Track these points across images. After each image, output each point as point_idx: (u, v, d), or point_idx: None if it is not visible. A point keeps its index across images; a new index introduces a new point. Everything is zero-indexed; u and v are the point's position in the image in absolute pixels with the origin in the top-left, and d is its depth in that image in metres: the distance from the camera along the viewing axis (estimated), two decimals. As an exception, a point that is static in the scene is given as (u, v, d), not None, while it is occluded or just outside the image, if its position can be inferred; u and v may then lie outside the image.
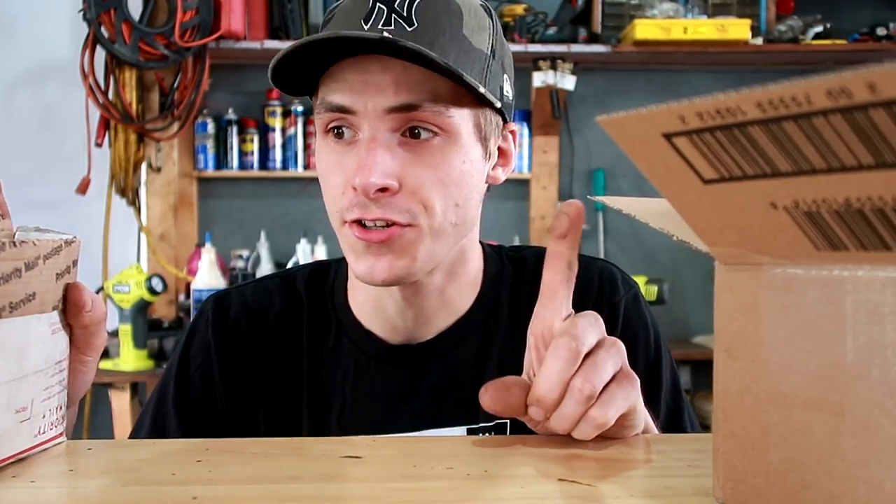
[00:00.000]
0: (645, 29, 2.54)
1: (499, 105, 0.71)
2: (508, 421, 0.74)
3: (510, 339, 0.77)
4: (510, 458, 0.50)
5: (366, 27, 0.66)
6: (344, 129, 0.68)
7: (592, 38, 2.68)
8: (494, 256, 0.81)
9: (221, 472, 0.46)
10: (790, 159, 0.31)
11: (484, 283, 0.79)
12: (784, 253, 0.35)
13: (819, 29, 2.70)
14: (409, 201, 0.66)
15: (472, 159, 0.70)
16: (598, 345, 0.52)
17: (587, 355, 0.51)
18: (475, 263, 0.79)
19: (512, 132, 0.77)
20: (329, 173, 0.69)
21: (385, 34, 0.63)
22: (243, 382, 0.79)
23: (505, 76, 0.73)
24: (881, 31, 2.70)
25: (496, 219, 2.82)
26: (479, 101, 0.69)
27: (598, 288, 0.80)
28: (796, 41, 2.67)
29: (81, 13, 2.46)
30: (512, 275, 0.81)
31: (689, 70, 2.86)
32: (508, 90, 0.73)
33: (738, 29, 2.57)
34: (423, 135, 0.67)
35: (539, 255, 0.80)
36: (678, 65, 2.82)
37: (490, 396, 0.53)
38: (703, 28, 2.56)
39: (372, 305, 0.77)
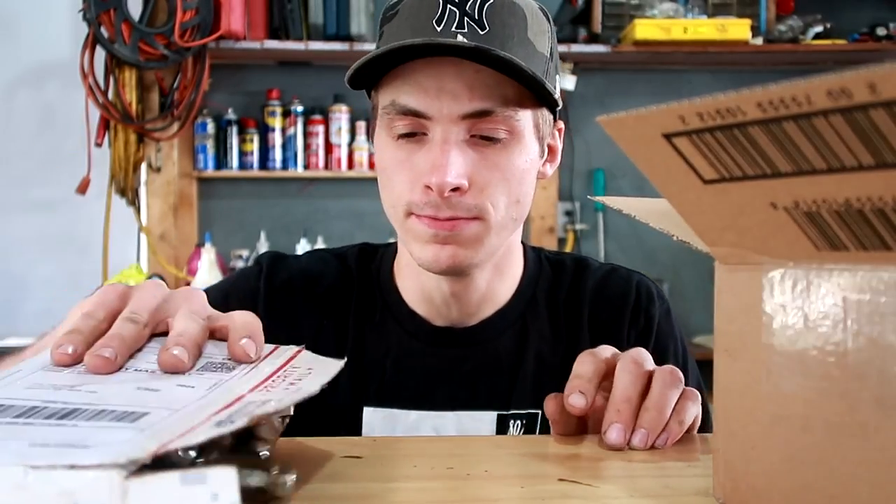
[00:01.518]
0: (645, 29, 2.54)
1: (560, 105, 0.74)
2: (540, 412, 0.77)
3: (548, 337, 0.81)
4: (510, 458, 0.50)
5: (438, 28, 0.67)
6: (413, 130, 0.70)
7: (592, 38, 2.68)
8: (533, 255, 0.85)
9: (221, 472, 0.46)
10: (790, 159, 0.31)
11: (523, 279, 0.82)
12: (784, 253, 0.35)
13: (819, 29, 2.70)
14: (476, 198, 0.70)
15: (531, 157, 0.73)
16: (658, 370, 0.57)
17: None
18: (518, 259, 0.83)
19: (559, 129, 0.81)
20: (396, 170, 0.72)
21: (460, 38, 0.66)
22: (284, 341, 0.79)
23: (557, 76, 0.77)
24: (881, 31, 2.70)
25: (496, 219, 2.82)
26: (539, 102, 0.72)
27: (635, 297, 0.83)
28: (796, 41, 2.67)
29: (81, 13, 2.46)
30: (550, 276, 0.84)
31: (689, 70, 2.85)
32: (559, 88, 0.77)
33: (738, 29, 2.57)
34: (492, 137, 0.70)
35: (578, 261, 0.86)
36: (678, 65, 2.82)
37: (554, 406, 0.56)
38: (703, 28, 2.56)
39: (419, 294, 0.80)
